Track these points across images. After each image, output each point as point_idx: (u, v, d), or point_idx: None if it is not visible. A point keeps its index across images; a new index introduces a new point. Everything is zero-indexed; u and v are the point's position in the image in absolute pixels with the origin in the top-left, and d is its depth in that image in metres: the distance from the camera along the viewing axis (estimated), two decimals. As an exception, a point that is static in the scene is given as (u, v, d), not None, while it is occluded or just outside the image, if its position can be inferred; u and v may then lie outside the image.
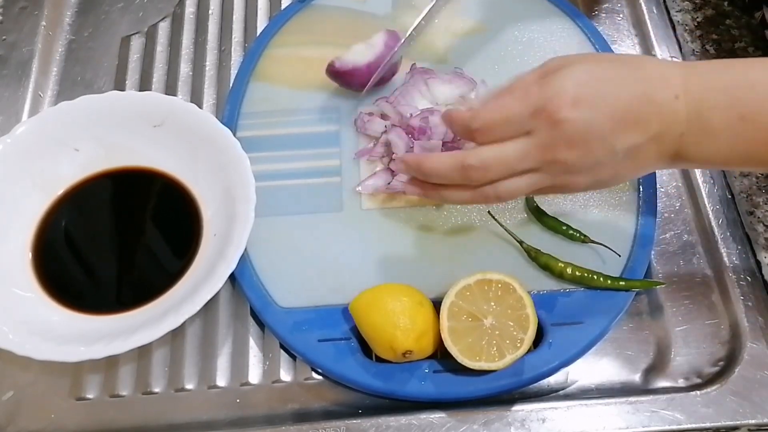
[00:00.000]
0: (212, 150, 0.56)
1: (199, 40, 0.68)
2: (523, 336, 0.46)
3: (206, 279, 0.50)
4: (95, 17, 0.71)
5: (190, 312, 0.48)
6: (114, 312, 0.52)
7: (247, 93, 0.62)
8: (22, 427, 0.51)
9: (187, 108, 0.57)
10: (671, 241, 0.56)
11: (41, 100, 0.66)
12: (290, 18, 0.66)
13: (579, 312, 0.51)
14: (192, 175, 0.57)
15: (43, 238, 0.55)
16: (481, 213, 0.55)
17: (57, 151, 0.57)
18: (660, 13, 0.67)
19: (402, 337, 0.47)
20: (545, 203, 0.55)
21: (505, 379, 0.48)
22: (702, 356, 0.52)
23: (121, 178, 0.58)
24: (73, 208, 0.57)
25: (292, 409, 0.51)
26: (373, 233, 0.55)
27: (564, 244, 0.53)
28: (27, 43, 0.68)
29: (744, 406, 0.48)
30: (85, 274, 0.54)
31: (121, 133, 0.58)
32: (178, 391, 0.51)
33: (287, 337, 0.51)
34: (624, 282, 0.51)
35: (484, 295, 0.48)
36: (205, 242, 0.54)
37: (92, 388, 0.52)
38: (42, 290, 0.53)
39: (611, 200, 0.56)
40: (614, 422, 0.48)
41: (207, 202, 0.56)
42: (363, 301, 0.49)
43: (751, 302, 0.53)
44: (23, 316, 0.50)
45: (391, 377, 0.49)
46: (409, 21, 0.64)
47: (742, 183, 0.57)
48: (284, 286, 0.53)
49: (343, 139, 0.59)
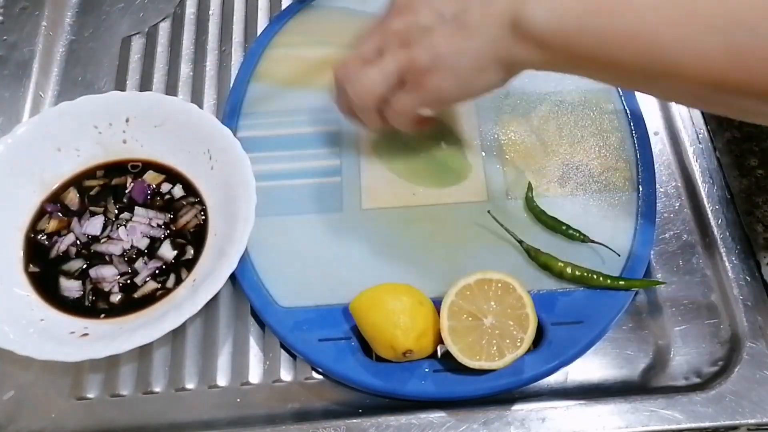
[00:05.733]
0: (213, 150, 0.56)
1: (199, 40, 0.68)
2: (522, 335, 0.47)
3: (207, 279, 0.50)
4: (96, 18, 0.71)
5: (191, 312, 0.48)
6: (115, 315, 0.52)
7: (248, 93, 0.62)
8: (22, 426, 0.51)
9: (188, 108, 0.58)
10: (671, 241, 0.56)
11: (42, 100, 0.67)
12: (290, 18, 0.66)
13: (579, 311, 0.51)
14: (193, 175, 0.57)
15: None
16: (481, 213, 0.55)
17: (57, 151, 0.57)
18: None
19: (402, 336, 0.47)
20: (545, 203, 0.55)
21: (505, 379, 0.48)
22: (701, 356, 0.52)
23: (121, 175, 0.58)
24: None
25: (292, 408, 0.51)
26: (373, 233, 0.55)
27: (564, 244, 0.54)
28: (27, 44, 0.68)
29: (743, 406, 0.48)
30: (86, 274, 0.54)
31: (122, 133, 0.58)
32: (178, 391, 0.52)
33: (288, 337, 0.51)
34: (624, 281, 0.52)
35: (484, 295, 0.48)
36: (206, 242, 0.54)
37: (93, 388, 0.52)
38: (43, 291, 0.53)
39: (611, 200, 0.56)
40: (614, 422, 0.48)
41: (208, 202, 0.56)
42: (363, 301, 0.49)
43: (751, 302, 0.53)
44: (24, 316, 0.51)
45: (391, 377, 0.49)
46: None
47: (742, 183, 0.57)
48: (285, 285, 0.53)
49: (343, 140, 0.59)
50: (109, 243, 0.55)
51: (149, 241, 0.55)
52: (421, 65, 0.46)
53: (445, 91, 0.47)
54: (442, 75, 0.46)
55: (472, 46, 0.45)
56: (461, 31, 0.44)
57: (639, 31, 0.40)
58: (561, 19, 0.42)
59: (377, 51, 0.48)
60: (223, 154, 0.55)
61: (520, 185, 0.56)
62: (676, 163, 0.60)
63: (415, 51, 0.46)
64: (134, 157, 0.59)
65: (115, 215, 0.56)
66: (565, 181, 0.57)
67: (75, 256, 0.55)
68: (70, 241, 0.55)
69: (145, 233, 0.55)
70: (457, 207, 0.56)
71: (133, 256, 0.54)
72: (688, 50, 0.38)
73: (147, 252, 0.55)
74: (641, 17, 0.39)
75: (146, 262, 0.54)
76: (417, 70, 0.46)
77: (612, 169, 0.57)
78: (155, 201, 0.57)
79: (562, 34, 0.42)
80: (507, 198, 0.56)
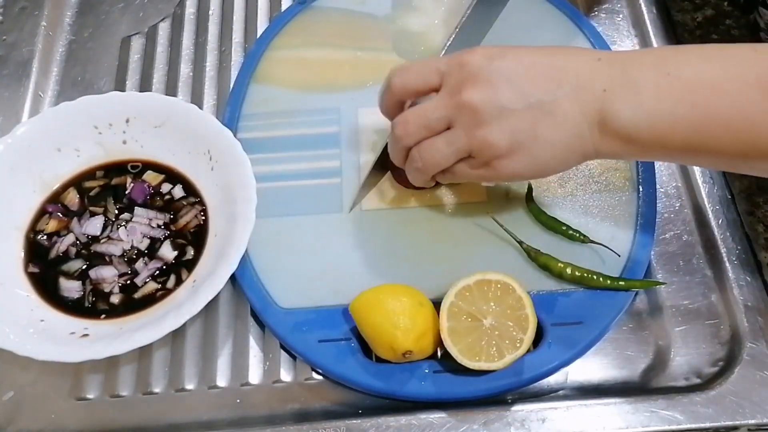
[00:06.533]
0: (213, 151, 0.56)
1: (199, 40, 0.68)
2: (522, 336, 0.47)
3: (207, 280, 0.50)
4: (95, 18, 0.71)
5: (191, 313, 0.48)
6: (115, 316, 0.52)
7: (248, 95, 0.62)
8: (22, 427, 0.51)
9: (188, 109, 0.57)
10: (671, 241, 0.56)
11: (41, 100, 0.66)
12: (290, 20, 0.66)
13: (579, 312, 0.51)
14: (193, 176, 0.57)
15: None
16: (481, 213, 0.55)
17: (57, 151, 0.57)
18: (660, 13, 0.67)
19: (402, 337, 0.47)
20: (545, 203, 0.55)
21: (504, 379, 0.48)
22: (702, 356, 0.52)
23: (121, 176, 0.58)
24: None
25: (292, 409, 0.51)
26: (373, 234, 0.55)
27: (563, 244, 0.53)
28: (27, 44, 0.68)
29: (744, 406, 0.48)
30: (86, 275, 0.54)
31: (122, 133, 0.58)
32: (178, 392, 0.52)
33: (288, 338, 0.51)
34: (624, 282, 0.51)
35: (484, 296, 0.48)
36: (206, 243, 0.54)
37: (93, 389, 0.52)
38: (43, 291, 0.53)
39: (611, 200, 0.56)
40: (614, 422, 0.48)
41: (208, 202, 0.56)
42: (363, 302, 0.49)
43: (751, 302, 0.53)
44: (24, 317, 0.51)
45: (391, 377, 0.49)
46: (409, 21, 0.64)
47: (742, 183, 0.57)
48: (285, 286, 0.53)
49: (343, 141, 0.59)
50: (109, 243, 0.55)
51: (149, 242, 0.55)
52: (497, 148, 0.43)
53: (516, 173, 0.45)
54: (518, 159, 0.44)
55: (560, 139, 0.43)
56: (548, 119, 0.42)
57: (734, 119, 0.40)
58: (650, 115, 0.42)
59: (445, 120, 0.45)
60: (224, 155, 0.55)
61: (520, 186, 0.56)
62: (677, 163, 0.60)
63: (493, 131, 0.43)
64: (134, 158, 0.59)
65: (115, 215, 0.56)
66: (564, 182, 0.57)
67: (75, 256, 0.55)
68: (70, 241, 0.55)
69: (145, 234, 0.55)
70: (456, 208, 0.56)
71: (133, 256, 0.54)
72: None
73: (147, 252, 0.55)
74: (735, 106, 0.40)
75: (146, 262, 0.54)
76: (491, 152, 0.44)
77: (612, 169, 0.57)
78: (155, 201, 0.57)
79: (652, 131, 0.42)
80: (507, 198, 0.56)
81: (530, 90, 0.42)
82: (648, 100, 0.41)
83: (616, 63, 0.43)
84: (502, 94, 0.42)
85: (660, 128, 0.42)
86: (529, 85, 0.42)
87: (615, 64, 0.43)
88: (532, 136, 0.43)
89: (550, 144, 0.43)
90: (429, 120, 0.45)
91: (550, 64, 0.43)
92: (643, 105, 0.42)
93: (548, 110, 0.42)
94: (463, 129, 0.44)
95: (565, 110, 0.43)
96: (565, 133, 0.43)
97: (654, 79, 0.41)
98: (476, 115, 0.43)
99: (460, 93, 0.43)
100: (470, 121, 0.43)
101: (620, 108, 0.42)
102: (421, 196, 0.56)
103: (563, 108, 0.42)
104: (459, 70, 0.44)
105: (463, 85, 0.43)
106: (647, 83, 0.42)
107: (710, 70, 0.41)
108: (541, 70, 0.43)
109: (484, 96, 0.43)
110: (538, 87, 0.42)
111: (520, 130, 0.43)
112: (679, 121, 0.41)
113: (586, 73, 0.42)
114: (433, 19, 0.65)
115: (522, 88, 0.42)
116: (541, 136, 0.43)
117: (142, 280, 0.53)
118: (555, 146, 0.44)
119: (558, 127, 0.43)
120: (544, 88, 0.42)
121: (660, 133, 0.42)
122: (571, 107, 0.42)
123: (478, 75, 0.43)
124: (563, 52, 0.44)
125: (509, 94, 0.42)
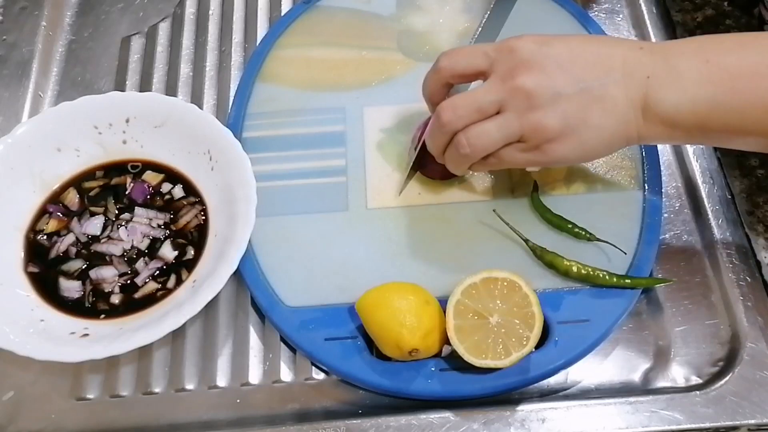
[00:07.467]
0: (213, 151, 0.56)
1: (199, 40, 0.68)
2: (529, 334, 0.46)
3: (207, 280, 0.50)
4: (95, 17, 0.71)
5: (192, 313, 0.48)
6: (115, 316, 0.52)
7: (253, 94, 0.62)
8: (22, 427, 0.51)
9: (188, 109, 0.57)
10: (671, 241, 0.56)
11: (41, 100, 0.66)
12: (295, 19, 0.66)
13: (585, 310, 0.51)
14: (193, 176, 0.57)
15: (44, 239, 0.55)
16: (486, 211, 0.55)
17: (57, 151, 0.57)
18: (660, 13, 0.67)
19: (408, 335, 0.47)
20: (551, 201, 0.55)
21: (511, 377, 0.48)
22: (702, 356, 0.52)
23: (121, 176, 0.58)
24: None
25: (292, 409, 0.51)
26: (378, 232, 0.55)
27: (569, 242, 0.53)
28: (27, 44, 0.68)
29: (744, 406, 0.48)
30: (86, 275, 0.54)
31: (122, 133, 0.58)
32: (178, 392, 0.52)
33: (294, 336, 0.51)
34: (630, 280, 0.51)
35: (490, 294, 0.48)
36: (207, 242, 0.54)
37: (93, 389, 0.52)
38: (43, 291, 0.53)
39: (616, 198, 0.55)
40: (614, 422, 0.48)
41: (208, 202, 0.56)
42: (369, 300, 0.49)
43: (751, 302, 0.53)
44: (24, 317, 0.50)
45: (397, 375, 0.49)
46: (414, 21, 0.64)
47: (742, 183, 0.57)
48: (291, 285, 0.53)
49: (348, 139, 0.59)
50: (109, 243, 0.55)
51: (150, 242, 0.55)
52: (550, 132, 0.44)
53: (564, 157, 0.46)
54: (568, 143, 0.45)
55: (608, 123, 0.45)
56: (597, 104, 0.44)
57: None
58: (693, 101, 0.43)
59: (497, 104, 0.45)
60: (224, 155, 0.55)
61: (526, 184, 0.56)
62: (677, 163, 0.60)
63: (547, 115, 0.44)
64: (134, 158, 0.59)
65: (115, 215, 0.56)
66: (570, 180, 0.56)
67: (75, 256, 0.54)
68: (70, 241, 0.55)
69: (145, 233, 0.55)
70: (462, 206, 0.56)
71: (134, 256, 0.54)
72: None
73: (147, 252, 0.55)
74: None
75: (146, 262, 0.54)
76: (543, 135, 0.45)
77: (618, 167, 0.57)
78: (155, 201, 0.57)
79: (694, 115, 0.44)
80: (512, 196, 0.56)
81: (581, 75, 0.44)
82: (690, 86, 0.43)
83: (657, 51, 0.44)
84: (556, 79, 0.44)
85: (702, 112, 0.44)
86: (579, 71, 0.44)
87: (656, 53, 0.44)
88: (582, 120, 0.44)
89: (599, 129, 0.45)
90: (480, 103, 0.45)
91: (597, 52, 0.45)
92: (686, 91, 0.43)
93: (598, 95, 0.44)
94: (515, 113, 0.45)
95: (613, 96, 0.44)
96: (613, 118, 0.45)
97: (695, 66, 0.43)
98: (530, 100, 0.44)
99: (513, 78, 0.44)
100: (523, 105, 0.44)
101: (664, 94, 0.44)
102: (426, 194, 0.56)
103: (611, 93, 0.44)
104: (509, 55, 0.45)
105: (516, 70, 0.44)
106: (689, 70, 0.43)
107: (748, 57, 0.43)
108: (590, 57, 0.44)
109: (538, 81, 0.44)
110: (588, 73, 0.44)
111: (572, 115, 0.44)
112: (720, 106, 0.43)
113: (632, 61, 0.44)
114: (437, 18, 0.66)
115: (573, 74, 0.44)
116: (591, 121, 0.44)
117: (142, 280, 0.53)
118: (603, 131, 0.45)
119: (607, 113, 0.44)
120: (594, 75, 0.44)
121: (701, 117, 0.44)
122: (618, 93, 0.44)
123: (530, 60, 0.44)
124: (607, 40, 0.46)
125: (562, 79, 0.44)
